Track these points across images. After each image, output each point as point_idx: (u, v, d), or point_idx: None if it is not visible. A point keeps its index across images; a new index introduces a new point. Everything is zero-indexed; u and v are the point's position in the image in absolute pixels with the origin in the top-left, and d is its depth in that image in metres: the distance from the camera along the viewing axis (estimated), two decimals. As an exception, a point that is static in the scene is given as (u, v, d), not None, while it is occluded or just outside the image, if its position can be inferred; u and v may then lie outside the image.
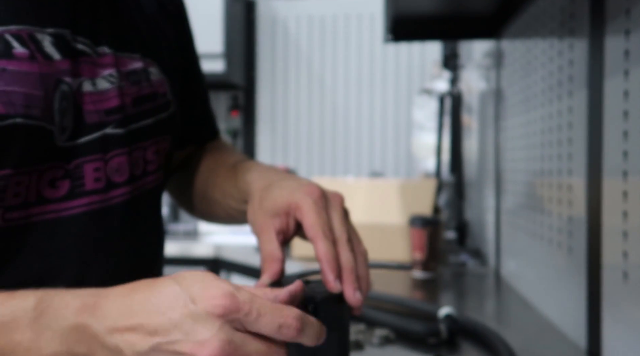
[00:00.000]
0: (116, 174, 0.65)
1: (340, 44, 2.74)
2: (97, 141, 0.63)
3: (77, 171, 0.61)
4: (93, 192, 0.62)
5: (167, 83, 0.73)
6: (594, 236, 0.79)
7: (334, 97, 2.74)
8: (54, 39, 0.60)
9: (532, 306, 1.10)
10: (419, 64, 2.69)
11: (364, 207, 1.68)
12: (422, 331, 0.87)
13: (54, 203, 0.60)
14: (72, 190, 0.61)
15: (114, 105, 0.65)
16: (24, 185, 0.58)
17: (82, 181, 0.62)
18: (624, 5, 0.68)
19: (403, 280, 1.37)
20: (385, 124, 2.70)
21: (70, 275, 0.61)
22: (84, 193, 0.62)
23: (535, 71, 1.08)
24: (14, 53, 0.57)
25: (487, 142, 1.60)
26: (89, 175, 0.62)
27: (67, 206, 0.61)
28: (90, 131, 0.63)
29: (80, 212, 0.61)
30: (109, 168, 0.64)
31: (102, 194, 0.63)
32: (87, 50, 0.64)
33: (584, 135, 0.82)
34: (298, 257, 1.75)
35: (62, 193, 0.60)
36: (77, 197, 0.61)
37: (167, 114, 0.73)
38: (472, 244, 1.74)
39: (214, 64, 2.40)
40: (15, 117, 0.56)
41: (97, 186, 0.63)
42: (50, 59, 0.60)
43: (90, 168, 0.62)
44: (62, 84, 0.60)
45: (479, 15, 1.37)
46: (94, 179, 0.63)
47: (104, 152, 0.63)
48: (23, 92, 0.57)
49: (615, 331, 0.73)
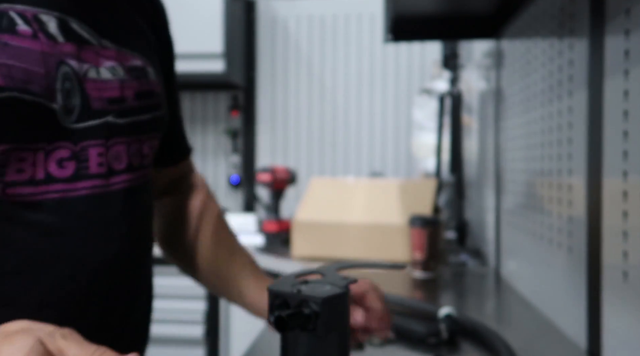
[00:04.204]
0: (116, 162, 0.67)
1: (340, 44, 2.74)
2: (101, 127, 0.65)
3: (83, 153, 0.63)
4: (96, 176, 0.64)
5: (160, 85, 0.76)
6: (594, 236, 0.79)
7: (334, 97, 2.74)
8: (59, 22, 0.62)
9: (532, 306, 1.10)
10: (419, 64, 2.69)
11: (364, 207, 1.68)
12: (422, 331, 0.87)
13: (61, 183, 0.61)
14: (78, 172, 0.63)
15: (115, 95, 0.67)
16: (29, 162, 0.59)
17: (87, 164, 0.63)
18: (624, 5, 0.68)
19: (403, 280, 1.37)
20: (385, 124, 2.69)
21: (72, 255, 0.63)
22: (88, 176, 0.64)
23: (535, 71, 1.08)
24: (17, 29, 0.58)
25: (487, 142, 1.60)
26: (93, 158, 0.64)
27: (73, 187, 0.62)
28: (95, 116, 0.64)
29: (84, 195, 0.63)
30: (109, 155, 0.66)
31: (104, 179, 0.65)
32: (90, 39, 0.65)
33: (584, 135, 0.82)
34: (298, 257, 1.75)
35: (68, 173, 0.62)
36: (82, 179, 0.63)
37: (161, 114, 0.75)
38: (472, 244, 1.74)
39: (214, 64, 2.40)
40: (13, 91, 0.57)
41: (100, 171, 0.65)
42: (54, 40, 0.61)
43: (95, 153, 0.64)
44: (65, 65, 0.62)
45: (479, 15, 1.37)
46: (98, 164, 0.65)
47: (106, 138, 0.65)
48: (23, 68, 0.58)
49: (615, 331, 0.73)
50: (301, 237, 1.74)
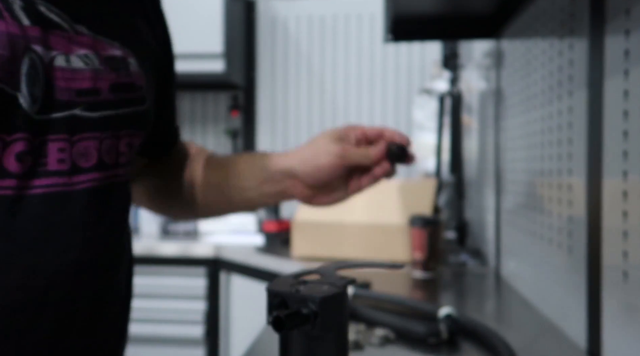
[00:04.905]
0: (82, 159, 0.61)
1: (340, 44, 2.74)
2: (64, 121, 0.59)
3: (42, 148, 0.58)
4: (56, 173, 0.59)
5: (144, 77, 0.69)
6: (594, 236, 0.79)
7: (334, 97, 2.74)
8: (23, 4, 0.56)
9: (532, 306, 1.10)
10: (419, 64, 2.69)
11: (364, 207, 1.68)
12: (422, 331, 0.87)
13: (14, 179, 0.56)
14: (34, 168, 0.57)
15: (85, 86, 0.61)
16: None
17: (45, 160, 0.58)
18: (624, 5, 0.68)
19: (403, 280, 1.37)
20: (385, 124, 2.69)
21: (23, 263, 0.57)
22: (46, 173, 0.58)
23: (535, 71, 1.08)
24: None
25: (487, 142, 1.60)
26: (53, 154, 0.58)
27: (27, 184, 0.57)
28: (60, 108, 0.59)
29: (40, 193, 0.58)
30: (74, 151, 0.60)
31: (66, 177, 0.59)
32: (62, 23, 0.60)
33: (584, 135, 0.82)
34: (298, 256, 1.75)
35: (24, 169, 0.57)
36: (38, 176, 0.57)
37: (143, 109, 0.69)
38: (472, 244, 1.74)
39: (214, 64, 2.40)
40: None
41: (61, 168, 0.59)
42: (19, 22, 0.56)
43: (55, 148, 0.59)
44: (31, 51, 0.56)
45: (479, 15, 1.37)
46: (58, 160, 0.59)
47: (71, 133, 0.60)
48: None
49: (615, 331, 0.73)
50: (301, 237, 1.74)
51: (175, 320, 2.13)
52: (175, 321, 2.13)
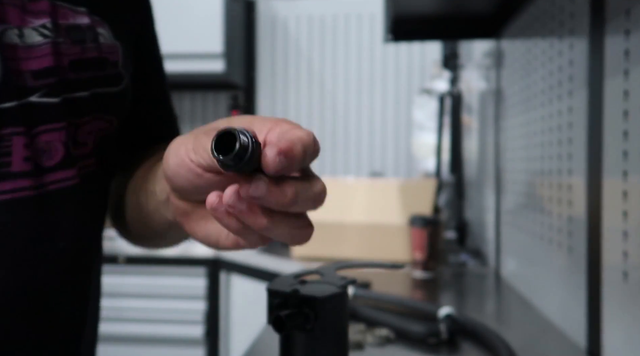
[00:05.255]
0: (45, 155, 0.50)
1: (340, 44, 2.74)
2: (19, 110, 0.48)
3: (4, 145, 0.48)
4: (21, 174, 0.49)
5: (120, 51, 0.57)
6: (594, 236, 0.79)
7: (334, 97, 2.74)
8: None
9: (532, 306, 1.10)
10: (419, 64, 2.69)
11: (364, 207, 1.68)
12: (422, 331, 0.87)
13: None
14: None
15: (45, 65, 0.50)
16: None
17: (9, 159, 0.48)
18: (624, 5, 0.68)
19: (403, 280, 1.37)
20: (385, 124, 2.69)
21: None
22: (10, 175, 0.48)
23: (535, 71, 1.08)
24: None
25: (487, 142, 1.60)
26: (18, 152, 0.48)
27: None
28: (13, 96, 0.48)
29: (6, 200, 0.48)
30: (35, 147, 0.50)
31: (33, 179, 0.49)
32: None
33: (584, 135, 0.82)
34: (298, 256, 1.75)
35: None
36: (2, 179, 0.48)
37: (117, 89, 0.56)
38: (472, 244, 1.74)
39: (214, 64, 2.40)
40: None
41: (26, 168, 0.49)
42: None
43: (20, 143, 0.48)
44: None
45: (479, 15, 1.37)
46: (24, 158, 0.49)
47: (28, 125, 0.49)
48: None
49: (615, 331, 0.73)
50: (301, 237, 1.74)
51: (175, 320, 2.13)
52: (175, 321, 2.13)
